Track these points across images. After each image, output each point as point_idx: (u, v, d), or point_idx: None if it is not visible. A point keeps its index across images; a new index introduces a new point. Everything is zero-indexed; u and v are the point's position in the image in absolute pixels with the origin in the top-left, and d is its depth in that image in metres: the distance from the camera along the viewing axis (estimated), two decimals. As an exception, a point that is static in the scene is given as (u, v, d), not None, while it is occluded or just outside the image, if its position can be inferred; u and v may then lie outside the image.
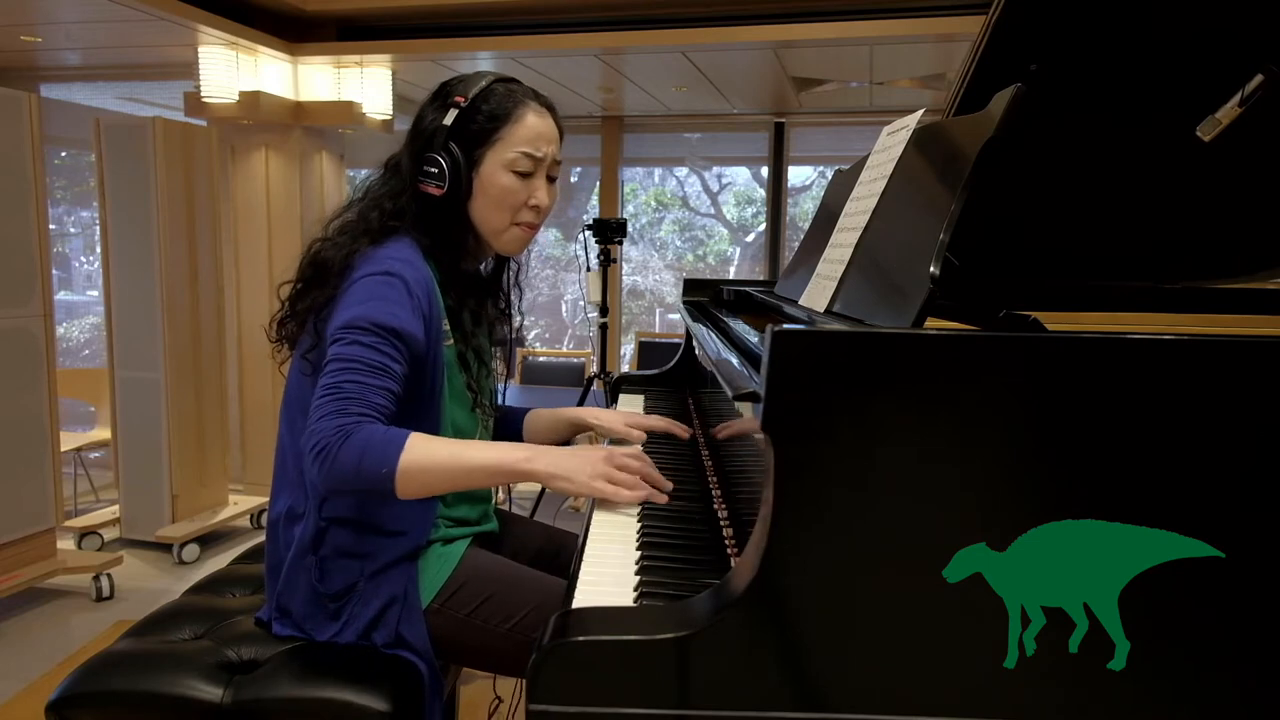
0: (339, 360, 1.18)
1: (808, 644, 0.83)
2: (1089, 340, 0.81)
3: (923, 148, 1.18)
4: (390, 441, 1.14)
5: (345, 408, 1.14)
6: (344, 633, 1.30)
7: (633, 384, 2.34)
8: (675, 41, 3.76)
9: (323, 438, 1.12)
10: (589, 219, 3.83)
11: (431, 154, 1.31)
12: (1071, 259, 1.50)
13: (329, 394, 1.16)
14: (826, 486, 0.82)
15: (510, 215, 1.35)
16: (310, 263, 1.34)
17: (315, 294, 1.29)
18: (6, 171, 2.89)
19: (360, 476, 1.13)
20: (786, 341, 0.82)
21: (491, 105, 1.32)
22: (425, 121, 1.34)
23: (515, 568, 1.39)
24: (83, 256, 6.46)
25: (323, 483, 1.14)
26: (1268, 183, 1.36)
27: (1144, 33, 1.21)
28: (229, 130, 4.20)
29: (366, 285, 1.24)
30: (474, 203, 1.34)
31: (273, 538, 1.37)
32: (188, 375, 3.64)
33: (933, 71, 4.25)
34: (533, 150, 1.33)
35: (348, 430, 1.13)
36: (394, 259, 1.27)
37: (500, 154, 1.32)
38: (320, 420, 1.14)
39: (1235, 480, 0.81)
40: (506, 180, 1.33)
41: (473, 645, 1.31)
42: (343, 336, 1.21)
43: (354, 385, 1.16)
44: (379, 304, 1.22)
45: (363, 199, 1.37)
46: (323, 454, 1.12)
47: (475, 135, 1.31)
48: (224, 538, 3.83)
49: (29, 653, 2.78)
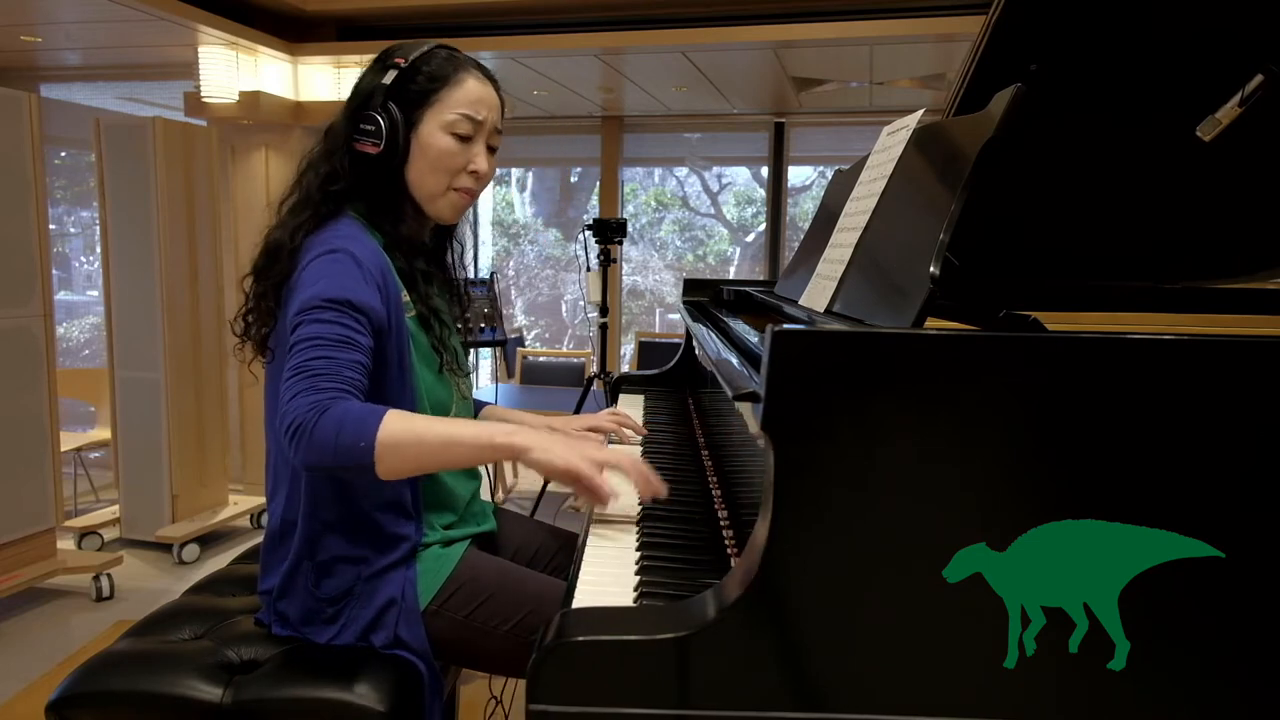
0: (303, 341, 1.16)
1: (808, 644, 0.83)
2: (1089, 340, 0.81)
3: (923, 148, 1.18)
4: (368, 415, 1.11)
5: (317, 384, 1.12)
6: (342, 635, 1.30)
7: (633, 384, 2.34)
8: (675, 41, 3.76)
9: (297, 415, 1.10)
10: (589, 219, 3.83)
11: (368, 112, 1.29)
12: (1071, 259, 1.50)
13: (298, 373, 1.13)
14: (826, 486, 0.82)
15: (448, 179, 1.33)
16: (264, 250, 1.31)
17: (270, 278, 1.28)
18: (6, 171, 2.89)
19: (339, 452, 1.09)
20: (786, 341, 0.82)
21: (432, 67, 1.30)
22: (363, 83, 1.32)
23: (514, 569, 1.39)
24: (83, 256, 6.47)
25: (300, 461, 1.11)
26: (1268, 183, 1.36)
27: (1144, 33, 1.21)
28: (229, 130, 4.20)
29: (316, 267, 1.22)
30: (411, 166, 1.32)
31: (269, 547, 1.36)
32: (188, 375, 3.64)
33: (933, 71, 4.25)
34: (472, 113, 1.31)
35: (323, 405, 1.10)
36: (338, 237, 1.25)
37: (439, 115, 1.30)
38: (293, 399, 1.11)
39: (1235, 480, 0.81)
40: (445, 142, 1.30)
41: (472, 646, 1.31)
42: (302, 319, 1.18)
43: (323, 361, 1.14)
44: (330, 280, 1.20)
45: (303, 170, 1.35)
46: (298, 431, 1.09)
47: (414, 96, 1.29)
48: (224, 538, 3.83)
49: (29, 653, 2.78)
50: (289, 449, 1.11)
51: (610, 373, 3.03)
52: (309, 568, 1.30)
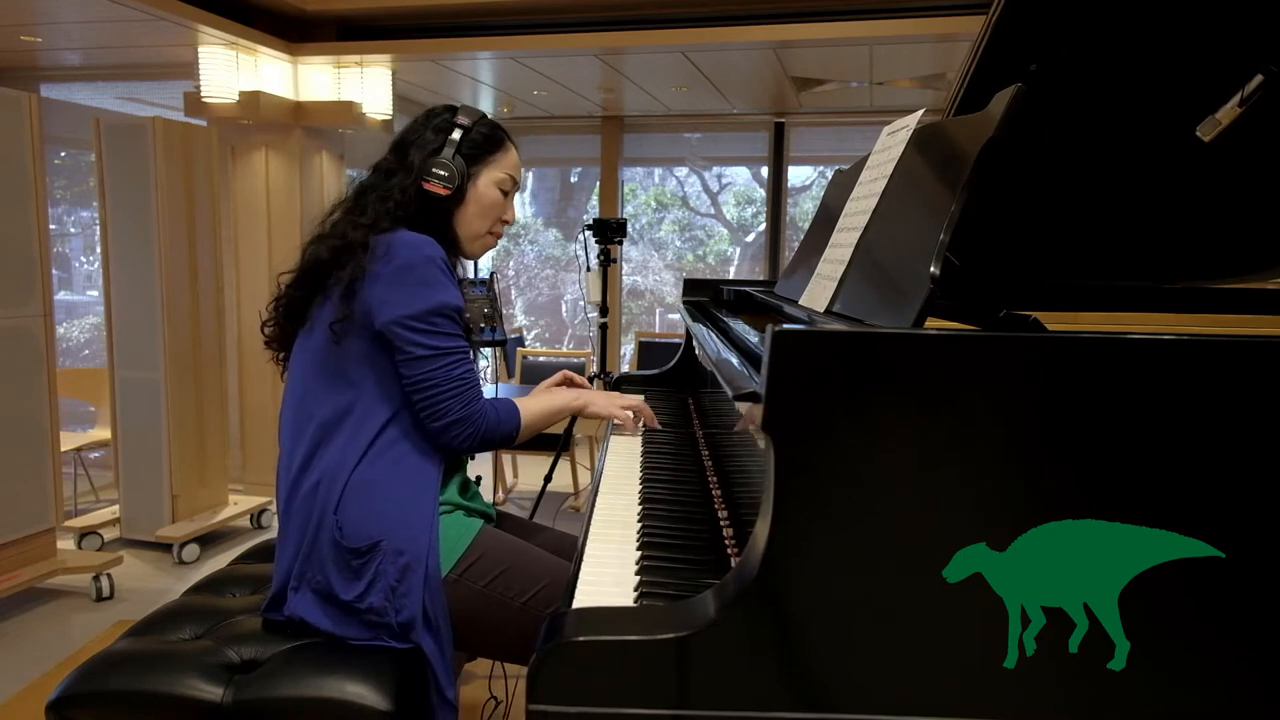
0: (442, 354, 1.43)
1: (808, 644, 0.83)
2: (1089, 340, 0.81)
3: (923, 148, 1.18)
4: (510, 410, 1.52)
5: (476, 394, 1.46)
6: (369, 594, 1.34)
7: (633, 384, 2.34)
8: (675, 41, 3.76)
9: (472, 422, 1.45)
10: (589, 219, 3.83)
11: (441, 160, 1.51)
12: (1071, 259, 1.51)
13: (458, 385, 1.44)
14: (826, 486, 0.82)
15: (489, 225, 1.60)
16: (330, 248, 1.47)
17: (342, 273, 1.43)
18: (6, 171, 2.89)
19: (500, 438, 1.50)
20: (787, 341, 0.82)
21: (487, 131, 1.58)
22: (427, 134, 1.54)
23: (528, 545, 1.48)
24: (83, 256, 6.46)
25: (469, 448, 1.49)
26: (1268, 183, 1.36)
27: (1144, 33, 1.21)
28: (229, 130, 4.20)
29: (416, 271, 1.41)
30: (463, 209, 1.56)
31: (288, 511, 1.43)
32: (188, 375, 3.64)
33: (933, 71, 4.25)
34: (515, 175, 1.62)
35: (483, 409, 1.47)
36: (419, 241, 1.43)
37: (493, 173, 1.57)
38: (465, 408, 1.44)
39: (1235, 480, 0.81)
40: (495, 195, 1.58)
41: (488, 621, 1.38)
42: (427, 327, 1.41)
43: (470, 374, 1.47)
44: (439, 289, 1.42)
45: (361, 194, 1.53)
46: (474, 434, 1.45)
47: (475, 154, 1.55)
48: (224, 538, 3.83)
49: (29, 653, 2.78)
50: (460, 442, 1.45)
51: (610, 373, 3.03)
52: (333, 521, 1.38)
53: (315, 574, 1.38)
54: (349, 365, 1.43)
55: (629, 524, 1.30)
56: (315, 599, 1.38)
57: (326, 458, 1.42)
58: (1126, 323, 1.40)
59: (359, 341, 1.43)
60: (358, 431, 1.42)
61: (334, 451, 1.42)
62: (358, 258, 1.42)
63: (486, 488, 4.20)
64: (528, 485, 4.74)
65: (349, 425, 1.43)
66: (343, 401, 1.43)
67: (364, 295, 1.40)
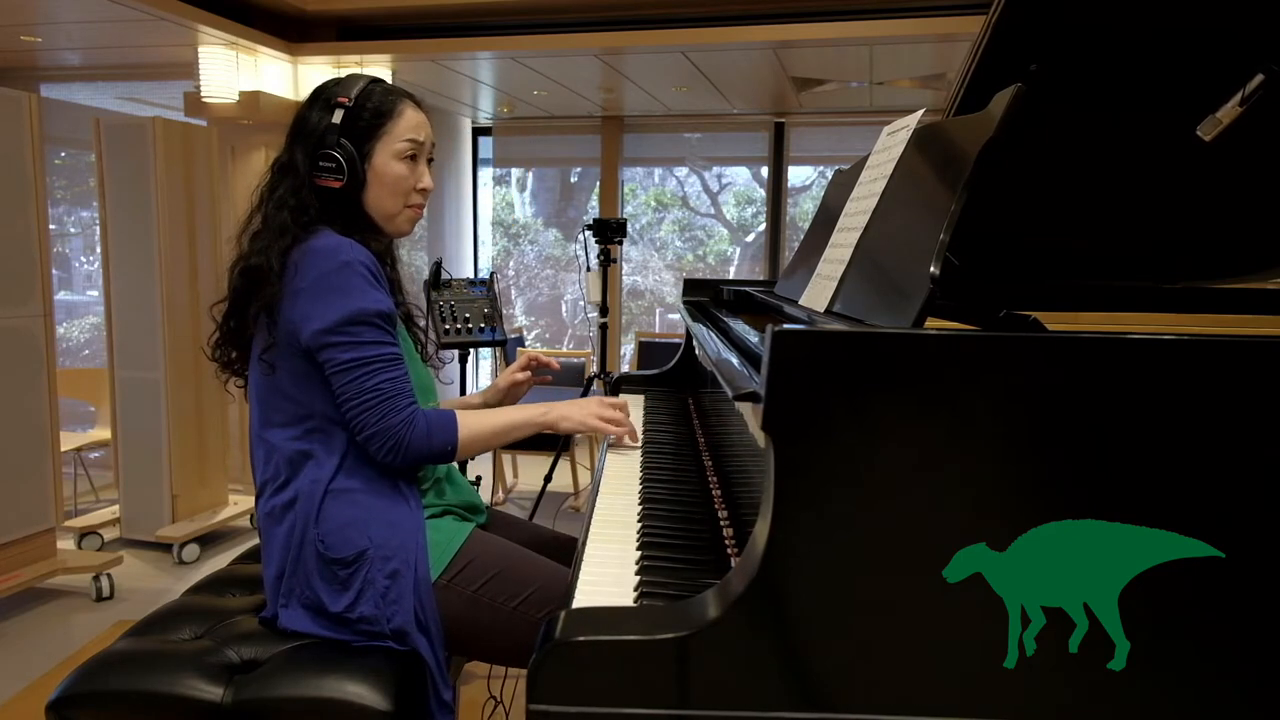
0: (359, 364, 1.33)
1: (808, 644, 0.83)
2: (1089, 340, 0.81)
3: (923, 148, 1.18)
4: (445, 422, 1.38)
5: (396, 405, 1.34)
6: (358, 604, 1.32)
7: (633, 384, 2.34)
8: (675, 41, 3.76)
9: (391, 435, 1.33)
10: (589, 219, 3.83)
11: (325, 150, 1.41)
12: (1071, 259, 1.51)
13: (373, 396, 1.33)
14: (826, 486, 0.82)
15: (403, 199, 1.48)
16: (241, 273, 1.41)
17: (258, 299, 1.36)
18: (6, 171, 2.89)
19: (431, 455, 1.37)
20: (787, 341, 0.82)
21: (374, 102, 1.44)
22: (311, 122, 1.44)
23: (520, 549, 1.44)
24: (83, 256, 6.46)
25: (397, 464, 1.35)
26: (1268, 183, 1.36)
27: (1144, 33, 1.21)
28: (229, 130, 4.20)
29: (330, 280, 1.32)
30: (369, 192, 1.45)
31: (268, 530, 1.40)
32: (188, 375, 3.64)
33: (933, 71, 4.25)
34: (416, 136, 1.46)
35: (409, 420, 1.34)
36: (333, 247, 1.35)
37: (389, 145, 1.44)
38: (381, 420, 1.33)
39: (1235, 480, 0.81)
40: (397, 168, 1.45)
41: (480, 626, 1.35)
42: (343, 338, 1.32)
43: (390, 383, 1.34)
44: (357, 295, 1.33)
45: (262, 205, 1.44)
46: (396, 448, 1.33)
47: (363, 130, 1.43)
48: (224, 538, 3.83)
49: (29, 653, 2.78)
50: (387, 458, 1.34)
51: (610, 373, 3.03)
52: (315, 535, 1.34)
53: (303, 589, 1.35)
54: (295, 390, 1.37)
55: (629, 524, 1.30)
56: (306, 613, 1.35)
57: (299, 480, 1.37)
58: (1126, 323, 1.40)
59: (296, 362, 1.36)
60: (326, 452, 1.37)
61: (306, 476, 1.37)
62: (270, 281, 1.35)
63: (486, 488, 4.20)
64: (528, 485, 4.74)
65: (316, 448, 1.37)
66: (300, 430, 1.37)
67: (286, 316, 1.34)
